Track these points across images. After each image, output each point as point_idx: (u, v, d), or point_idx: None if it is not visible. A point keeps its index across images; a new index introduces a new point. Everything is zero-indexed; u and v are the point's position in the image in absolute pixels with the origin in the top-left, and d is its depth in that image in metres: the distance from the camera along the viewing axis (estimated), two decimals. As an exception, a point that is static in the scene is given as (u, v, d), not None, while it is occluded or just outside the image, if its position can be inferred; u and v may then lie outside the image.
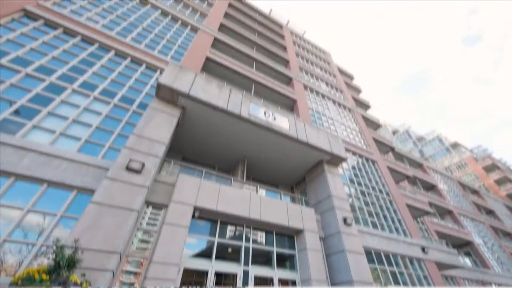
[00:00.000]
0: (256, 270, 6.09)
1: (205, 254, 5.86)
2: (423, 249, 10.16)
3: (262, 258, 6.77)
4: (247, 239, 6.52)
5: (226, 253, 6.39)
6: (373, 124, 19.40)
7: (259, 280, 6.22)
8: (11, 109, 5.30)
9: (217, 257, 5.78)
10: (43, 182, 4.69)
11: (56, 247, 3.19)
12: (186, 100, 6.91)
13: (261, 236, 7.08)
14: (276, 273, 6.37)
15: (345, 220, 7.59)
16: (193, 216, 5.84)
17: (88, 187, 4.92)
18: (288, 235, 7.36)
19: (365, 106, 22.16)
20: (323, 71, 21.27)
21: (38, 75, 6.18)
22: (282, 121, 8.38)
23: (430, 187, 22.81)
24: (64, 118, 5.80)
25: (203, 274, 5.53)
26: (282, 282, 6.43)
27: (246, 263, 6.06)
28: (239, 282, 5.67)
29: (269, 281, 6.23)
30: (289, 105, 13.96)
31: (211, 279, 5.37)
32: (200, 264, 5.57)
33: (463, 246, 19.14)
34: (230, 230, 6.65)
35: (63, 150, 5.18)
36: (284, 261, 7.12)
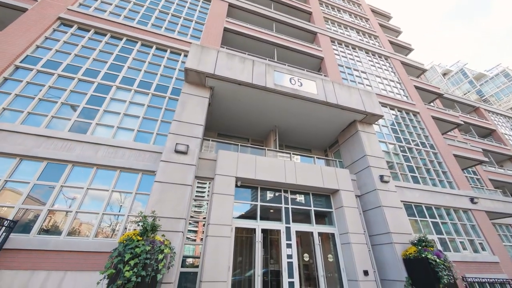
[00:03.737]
0: (297, 227, 6.87)
1: (251, 215, 6.79)
2: (471, 200, 9.73)
3: (301, 216, 7.50)
4: (286, 201, 7.22)
5: (269, 213, 7.26)
6: (415, 70, 17.13)
7: (300, 234, 7.05)
8: (77, 112, 6.38)
9: (261, 218, 6.67)
10: (116, 169, 5.84)
11: (142, 217, 4.21)
12: (213, 80, 7.20)
13: (299, 197, 7.72)
14: (315, 228, 7.09)
15: (381, 178, 7.64)
16: (236, 185, 6.64)
17: (149, 169, 5.95)
18: (325, 195, 7.84)
19: (406, 49, 19.31)
20: (352, 17, 18.69)
21: (87, 78, 7.08)
22: (309, 86, 8.17)
23: (488, 133, 20.19)
24: (117, 113, 6.75)
25: (251, 230, 6.52)
26: (322, 234, 7.16)
27: (287, 221, 6.85)
28: (283, 236, 6.55)
29: (310, 234, 7.03)
30: (316, 64, 13.14)
31: (258, 234, 6.34)
32: (248, 224, 6.54)
33: (526, 193, 17.38)
34: (269, 194, 7.40)
35: (123, 141, 6.19)
36: (323, 217, 7.76)
